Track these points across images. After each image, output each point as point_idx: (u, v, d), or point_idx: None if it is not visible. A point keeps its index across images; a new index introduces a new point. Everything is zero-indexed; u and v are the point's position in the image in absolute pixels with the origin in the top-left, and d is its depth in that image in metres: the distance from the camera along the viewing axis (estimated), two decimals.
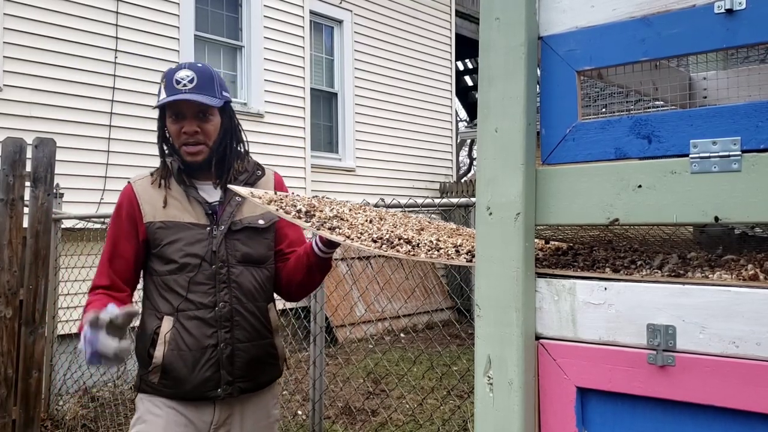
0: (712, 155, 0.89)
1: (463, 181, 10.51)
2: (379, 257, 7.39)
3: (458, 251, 1.31)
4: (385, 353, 6.01)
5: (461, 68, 12.80)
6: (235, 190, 1.68)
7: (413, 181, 9.18)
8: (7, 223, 3.45)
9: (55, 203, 4.25)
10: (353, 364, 5.69)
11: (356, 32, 8.59)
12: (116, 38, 5.79)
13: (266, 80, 7.12)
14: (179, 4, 6.34)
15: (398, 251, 1.32)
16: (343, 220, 1.51)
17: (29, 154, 3.60)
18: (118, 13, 5.84)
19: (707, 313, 0.88)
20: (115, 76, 5.68)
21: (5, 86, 5.17)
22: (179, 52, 6.33)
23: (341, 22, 8.52)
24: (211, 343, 1.78)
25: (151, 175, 1.87)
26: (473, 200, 1.24)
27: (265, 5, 7.14)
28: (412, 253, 1.31)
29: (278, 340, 1.93)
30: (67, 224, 4.84)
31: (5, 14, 5.19)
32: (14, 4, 5.24)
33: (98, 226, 4.83)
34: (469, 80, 13.33)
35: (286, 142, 7.29)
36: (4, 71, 5.17)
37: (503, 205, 1.02)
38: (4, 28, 5.18)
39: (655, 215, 0.94)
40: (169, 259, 1.78)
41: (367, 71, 8.71)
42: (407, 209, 2.69)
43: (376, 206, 2.25)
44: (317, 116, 8.26)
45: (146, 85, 5.92)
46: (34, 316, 3.56)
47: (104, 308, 1.62)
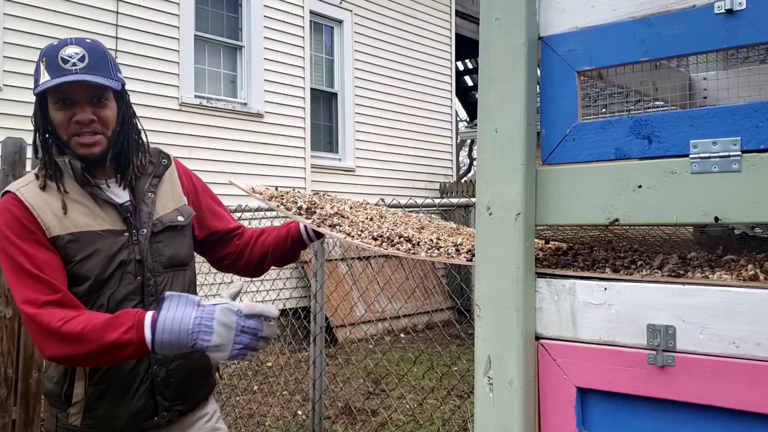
0: (712, 155, 0.89)
1: (463, 181, 10.52)
2: (379, 257, 7.39)
3: (458, 250, 1.32)
4: (385, 353, 6.01)
5: (461, 68, 12.81)
6: (236, 184, 1.60)
7: (413, 181, 9.18)
8: None
9: None
10: (353, 364, 5.69)
11: (356, 32, 8.59)
12: (116, 38, 5.79)
13: (266, 80, 7.13)
14: (179, 4, 6.34)
15: (398, 249, 1.32)
16: (343, 217, 1.50)
17: (29, 153, 3.59)
18: (118, 13, 5.84)
19: (707, 313, 0.88)
20: None
21: (5, 86, 5.17)
22: (179, 52, 6.34)
23: (341, 22, 8.52)
24: (142, 367, 1.52)
25: (36, 178, 1.52)
26: (473, 200, 1.24)
27: (265, 5, 7.14)
28: (412, 251, 1.32)
29: None
30: None
31: (5, 14, 5.19)
32: (14, 4, 5.24)
33: None
34: (469, 80, 13.33)
35: (286, 142, 7.30)
36: (4, 71, 5.17)
37: (503, 205, 1.02)
38: (4, 28, 5.18)
39: (655, 215, 0.94)
40: (84, 277, 1.47)
41: (367, 71, 8.71)
42: (407, 209, 2.69)
43: (376, 206, 2.25)
44: (317, 116, 8.27)
45: (146, 85, 5.92)
46: None
47: (181, 299, 1.38)
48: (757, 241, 1.20)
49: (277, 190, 1.67)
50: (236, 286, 1.49)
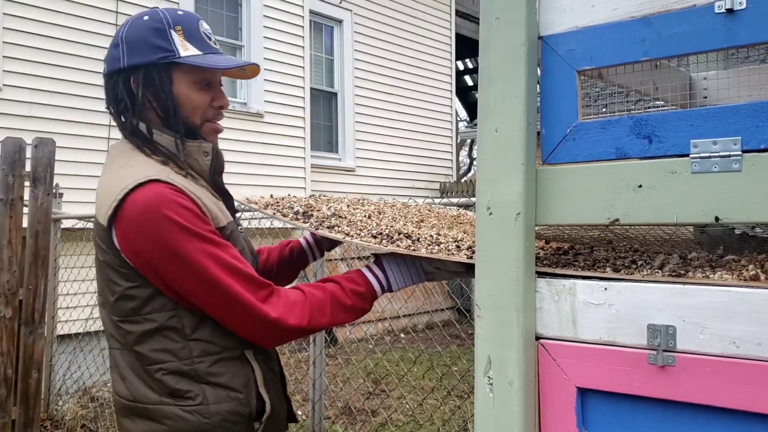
0: (712, 155, 0.89)
1: (463, 181, 10.51)
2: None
3: (459, 247, 1.31)
4: (385, 353, 6.01)
5: (461, 68, 12.81)
6: (235, 197, 1.51)
7: (413, 181, 9.18)
8: (6, 223, 3.44)
9: (54, 203, 4.25)
10: (353, 364, 5.69)
11: (356, 32, 8.59)
12: None
13: (266, 80, 7.12)
14: (179, 3, 6.34)
15: (398, 246, 1.32)
16: (341, 217, 1.49)
17: (29, 154, 3.60)
18: (117, 13, 5.84)
19: (707, 313, 0.88)
20: None
21: (5, 86, 5.17)
22: None
23: (341, 21, 8.52)
24: (277, 367, 1.43)
25: (175, 164, 1.30)
26: (473, 200, 1.24)
27: (265, 5, 7.14)
28: (412, 248, 1.31)
29: None
30: (66, 224, 4.84)
31: (5, 14, 5.19)
32: (14, 4, 5.24)
33: None
34: (469, 80, 13.33)
35: (286, 142, 7.30)
36: (4, 71, 5.17)
37: (503, 205, 1.02)
38: (4, 28, 5.17)
39: (655, 215, 0.93)
40: None
41: (367, 71, 8.71)
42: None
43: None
44: (317, 116, 8.27)
45: None
46: (33, 316, 3.56)
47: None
48: (757, 240, 1.20)
49: (272, 197, 1.63)
50: None
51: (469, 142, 18.35)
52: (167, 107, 1.30)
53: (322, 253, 1.67)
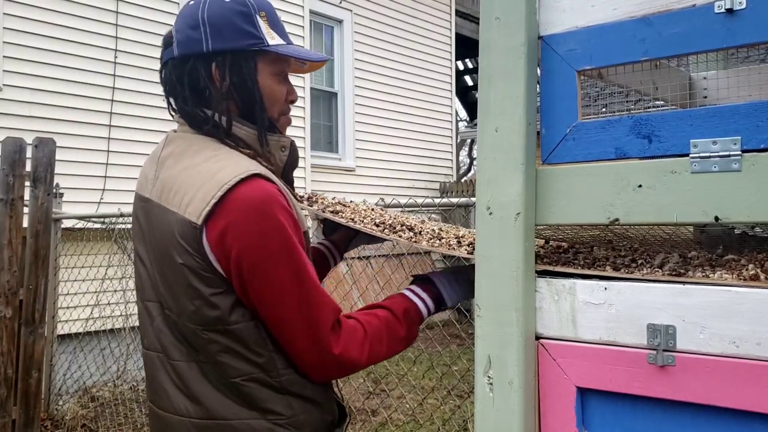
0: (712, 155, 0.89)
1: (463, 181, 10.51)
2: (378, 257, 7.39)
3: (460, 242, 1.31)
4: None
5: (461, 68, 12.80)
6: None
7: (413, 181, 9.18)
8: (6, 222, 3.45)
9: (55, 203, 4.25)
10: None
11: (356, 32, 8.59)
12: (116, 38, 5.79)
13: None
14: (179, 4, 6.34)
15: (401, 236, 1.29)
16: (345, 206, 1.48)
17: (29, 153, 3.60)
18: (118, 13, 5.84)
19: (707, 312, 0.88)
20: (115, 76, 5.68)
21: (5, 86, 5.17)
22: None
23: (341, 22, 8.52)
24: None
25: (267, 161, 1.22)
26: (473, 200, 1.24)
27: None
28: (414, 239, 1.29)
29: None
30: (67, 224, 4.84)
31: (5, 14, 5.19)
32: (14, 4, 5.24)
33: (98, 226, 4.82)
34: (469, 80, 13.33)
35: None
36: (4, 71, 5.17)
37: (503, 204, 1.02)
38: (4, 28, 5.18)
39: (655, 215, 0.94)
40: None
41: (367, 71, 8.71)
42: (407, 209, 2.69)
43: (375, 206, 2.26)
44: (317, 116, 8.27)
45: (146, 84, 5.91)
46: (33, 316, 3.56)
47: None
48: (757, 240, 1.20)
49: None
50: None
51: (469, 142, 18.35)
52: (253, 98, 1.20)
53: (341, 256, 1.60)
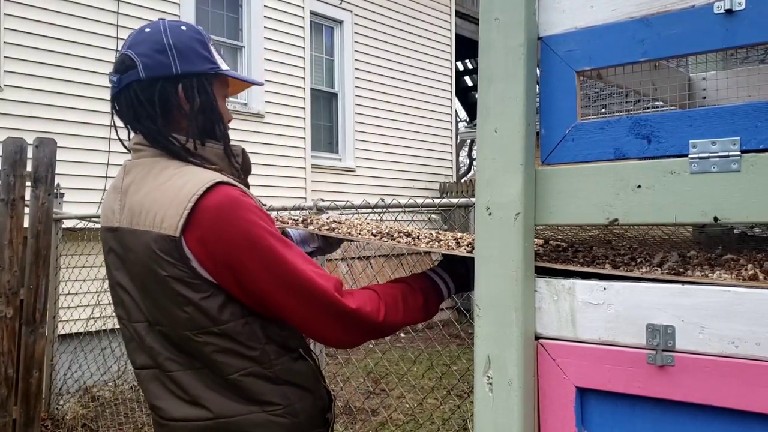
0: (711, 155, 0.89)
1: (463, 181, 10.51)
2: (379, 257, 7.39)
3: (458, 243, 1.33)
4: (385, 353, 6.01)
5: (461, 68, 12.81)
6: None
7: (413, 181, 9.18)
8: (7, 223, 3.45)
9: (55, 203, 4.25)
10: (353, 363, 5.69)
11: (356, 32, 8.59)
12: (116, 38, 5.79)
13: (266, 80, 7.12)
14: (179, 4, 6.34)
15: (399, 242, 1.33)
16: (340, 224, 1.54)
17: (30, 154, 3.60)
18: (118, 13, 5.84)
19: (707, 313, 0.88)
20: None
21: (5, 86, 5.17)
22: None
23: (341, 22, 8.52)
24: None
25: (230, 172, 1.33)
26: (473, 200, 1.24)
27: (265, 5, 7.14)
28: (412, 243, 1.33)
29: None
30: (67, 224, 4.84)
31: (5, 14, 5.19)
32: (14, 4, 5.24)
33: (98, 226, 4.82)
34: (469, 80, 13.33)
35: (286, 142, 7.30)
36: (4, 71, 5.17)
37: (503, 205, 1.02)
38: (4, 28, 5.18)
39: (654, 215, 0.94)
40: None
41: (367, 71, 8.71)
42: (407, 209, 2.68)
43: (375, 206, 2.26)
44: (317, 116, 8.27)
45: None
46: (34, 315, 3.56)
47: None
48: (756, 240, 1.20)
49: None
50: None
51: (468, 142, 18.35)
52: (218, 117, 1.31)
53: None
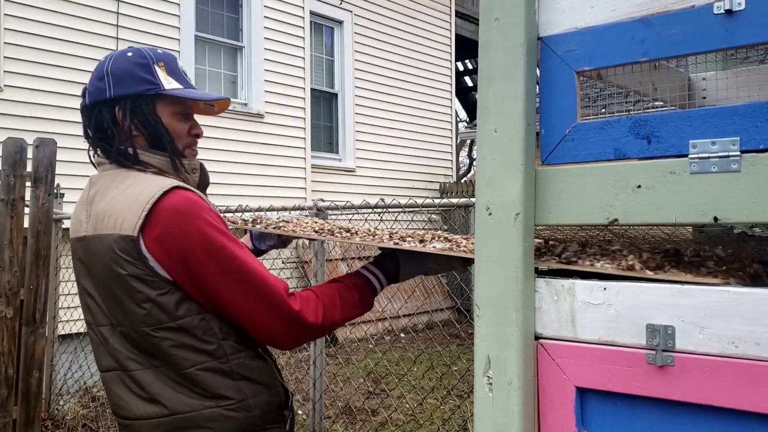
0: (711, 155, 0.89)
1: (463, 181, 10.52)
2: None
3: (391, 237, 1.43)
4: (385, 353, 6.01)
5: (461, 69, 12.81)
6: None
7: (413, 181, 9.18)
8: (7, 223, 3.45)
9: (55, 203, 4.25)
10: (353, 363, 5.69)
11: (356, 33, 8.59)
12: (116, 38, 5.79)
13: (266, 81, 7.13)
14: (179, 4, 6.34)
15: (337, 237, 1.47)
16: (287, 222, 1.67)
17: (30, 154, 3.60)
18: (118, 13, 5.84)
19: (706, 313, 0.88)
20: None
21: (5, 86, 5.17)
22: (180, 52, 6.34)
23: (341, 22, 8.52)
24: None
25: (185, 182, 1.42)
26: (473, 200, 1.25)
27: (265, 6, 7.14)
28: (348, 238, 1.45)
29: None
30: (67, 224, 4.84)
31: (5, 14, 5.19)
32: (14, 4, 5.24)
33: None
34: (468, 81, 13.34)
35: (286, 142, 7.30)
36: (4, 71, 5.17)
37: (503, 205, 1.02)
38: (4, 28, 5.18)
39: (654, 215, 0.94)
40: None
41: (367, 71, 8.71)
42: (407, 209, 2.69)
43: (375, 206, 2.27)
44: (317, 116, 8.27)
45: None
46: (34, 316, 3.56)
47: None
48: (756, 240, 1.20)
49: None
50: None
51: (468, 142, 18.35)
52: (159, 132, 1.39)
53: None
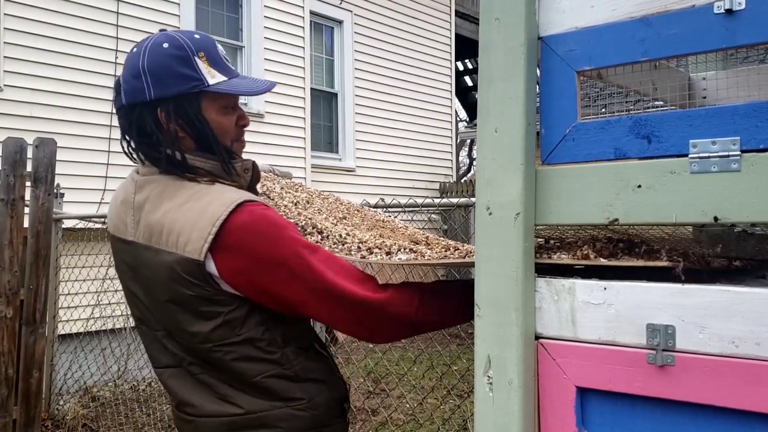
0: (711, 155, 0.89)
1: (463, 181, 10.51)
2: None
3: (359, 248, 1.35)
4: (385, 353, 6.01)
5: (461, 68, 12.80)
6: None
7: (413, 181, 9.18)
8: (7, 223, 3.45)
9: (55, 203, 4.25)
10: (353, 363, 5.69)
11: (356, 32, 8.59)
12: (116, 38, 5.79)
13: (266, 80, 7.12)
14: (179, 4, 6.34)
15: (307, 237, 1.39)
16: (269, 199, 1.52)
17: (30, 154, 3.60)
18: (118, 13, 5.84)
19: (706, 312, 0.88)
20: (115, 75, 5.68)
21: (5, 86, 5.17)
22: None
23: (341, 22, 8.52)
24: None
25: (237, 183, 1.33)
26: (473, 200, 1.25)
27: (265, 5, 7.14)
28: (319, 242, 1.38)
29: None
30: (67, 224, 4.84)
31: (5, 14, 5.19)
32: (14, 4, 5.24)
33: (99, 226, 4.83)
34: (469, 80, 13.33)
35: (286, 142, 7.30)
36: (4, 71, 5.17)
37: (503, 205, 1.02)
38: (4, 28, 5.18)
39: (654, 215, 0.94)
40: None
41: (367, 71, 8.71)
42: (407, 209, 2.69)
43: (375, 206, 2.25)
44: (317, 116, 8.27)
45: None
46: (34, 315, 3.56)
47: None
48: (756, 239, 1.21)
49: None
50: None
51: (468, 142, 18.35)
52: (205, 134, 1.28)
53: None
